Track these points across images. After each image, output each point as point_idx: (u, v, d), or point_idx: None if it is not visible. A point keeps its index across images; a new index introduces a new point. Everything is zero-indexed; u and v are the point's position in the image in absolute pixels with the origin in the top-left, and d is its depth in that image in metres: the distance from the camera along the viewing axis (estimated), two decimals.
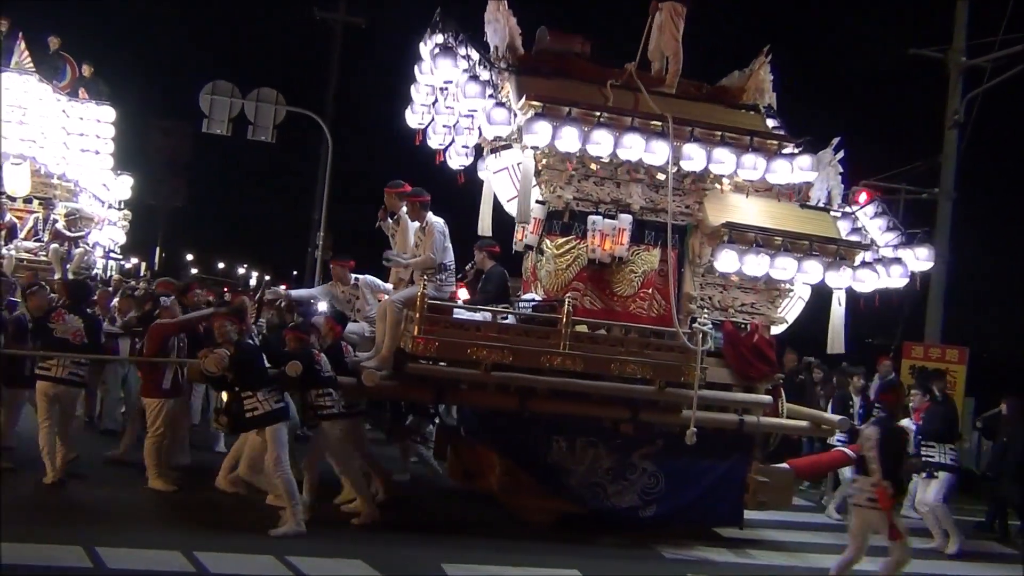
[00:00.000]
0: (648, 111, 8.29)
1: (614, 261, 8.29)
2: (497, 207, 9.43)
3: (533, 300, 8.26)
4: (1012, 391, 11.76)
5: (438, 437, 9.57)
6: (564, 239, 8.29)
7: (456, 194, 9.64)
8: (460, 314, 8.06)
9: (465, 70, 7.80)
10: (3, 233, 12.86)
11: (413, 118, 9.34)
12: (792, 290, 8.74)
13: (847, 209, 9.12)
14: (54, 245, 12.87)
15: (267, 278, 17.91)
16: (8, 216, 13.09)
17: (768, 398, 8.37)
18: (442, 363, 7.75)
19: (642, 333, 8.10)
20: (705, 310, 8.29)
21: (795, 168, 8.22)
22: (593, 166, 8.27)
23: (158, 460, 8.09)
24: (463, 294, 8.86)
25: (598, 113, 7.90)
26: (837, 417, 8.80)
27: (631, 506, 8.35)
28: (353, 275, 8.96)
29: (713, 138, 8.12)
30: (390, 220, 8.51)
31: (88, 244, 13.99)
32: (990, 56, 14.24)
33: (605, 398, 7.99)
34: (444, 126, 9.13)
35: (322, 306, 9.17)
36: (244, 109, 19.46)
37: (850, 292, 8.70)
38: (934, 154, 15.08)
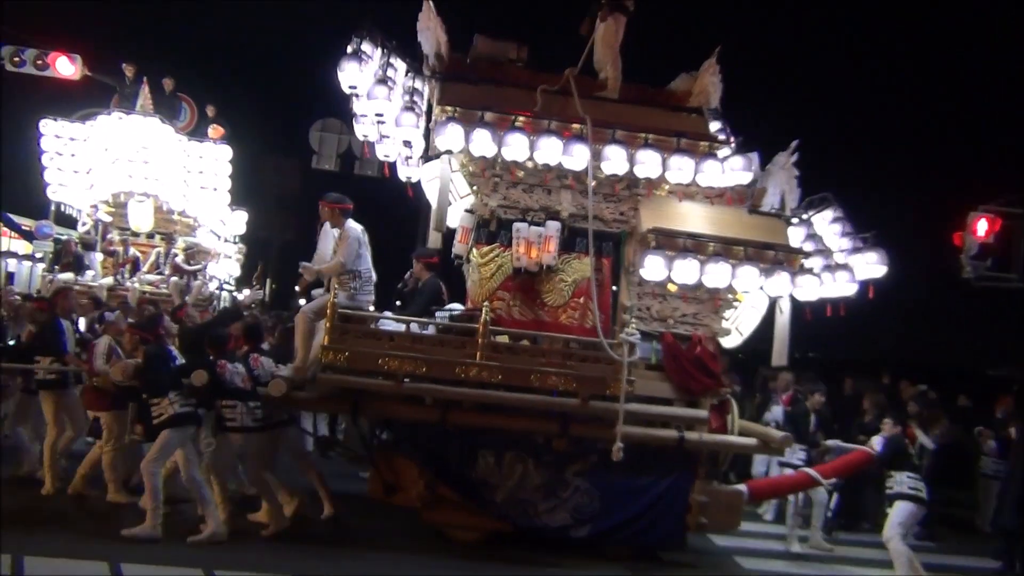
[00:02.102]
0: (579, 117, 8.02)
1: (542, 270, 8.04)
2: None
3: (454, 310, 8.05)
4: None
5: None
6: (489, 248, 8.09)
7: None
8: (387, 325, 7.92)
9: (381, 79, 7.67)
10: (128, 267, 13.42)
11: (360, 130, 9.26)
12: (737, 300, 8.32)
13: (802, 215, 8.66)
14: (174, 278, 13.38)
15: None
16: (132, 251, 13.72)
17: (704, 412, 7.91)
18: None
19: (564, 343, 7.78)
20: (634, 320, 7.86)
21: (726, 169, 7.84)
22: (520, 172, 8.06)
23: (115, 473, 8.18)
24: None
25: (513, 116, 7.68)
26: (780, 434, 8.24)
27: (563, 525, 7.99)
28: None
29: (636, 140, 7.80)
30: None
31: (206, 276, 14.50)
32: None
33: (528, 411, 7.70)
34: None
35: None
36: (351, 145, 19.95)
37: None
38: None
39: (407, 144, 8.04)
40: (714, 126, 8.53)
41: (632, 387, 7.58)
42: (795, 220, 8.61)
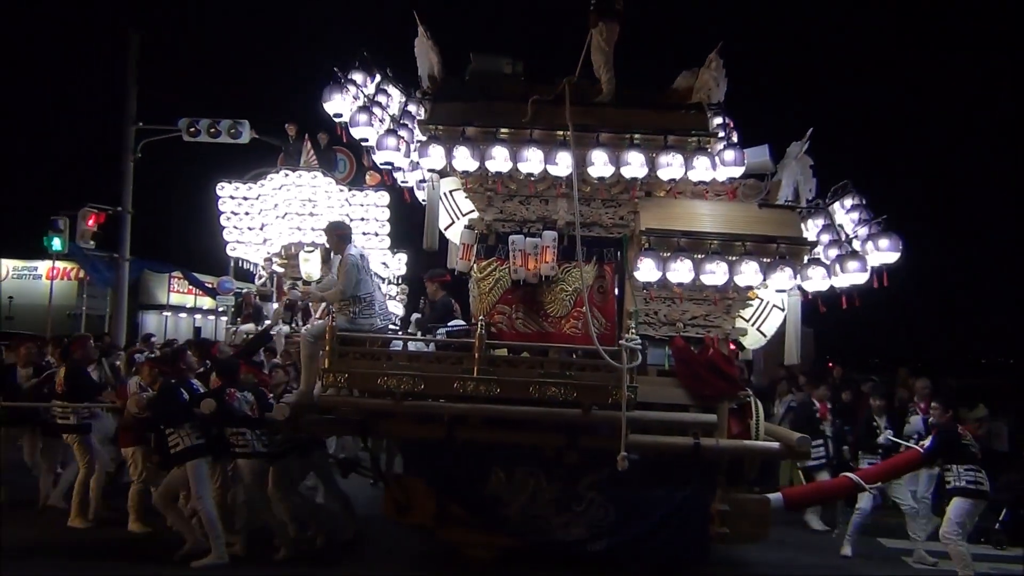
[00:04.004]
0: (575, 123, 7.92)
1: (542, 281, 7.97)
2: None
3: (454, 326, 8.06)
4: None
5: None
6: (486, 262, 8.11)
7: None
8: (397, 345, 8.03)
9: (363, 106, 7.82)
10: (299, 315, 14.34)
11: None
12: (750, 298, 7.97)
13: (819, 204, 8.23)
14: None
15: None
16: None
17: (712, 417, 7.58)
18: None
19: (563, 353, 7.66)
20: (632, 327, 7.61)
21: (718, 164, 7.56)
22: (512, 185, 8.05)
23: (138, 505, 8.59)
24: None
25: (493, 130, 7.67)
26: (797, 435, 7.78)
27: (578, 539, 7.81)
28: None
29: (622, 142, 7.64)
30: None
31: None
32: None
33: (535, 424, 7.59)
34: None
35: None
36: None
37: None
38: None
39: (390, 166, 8.15)
40: (717, 121, 8.25)
41: (634, 394, 7.35)
42: (807, 210, 8.21)
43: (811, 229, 8.13)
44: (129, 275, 18.94)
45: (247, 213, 14.22)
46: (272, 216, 13.88)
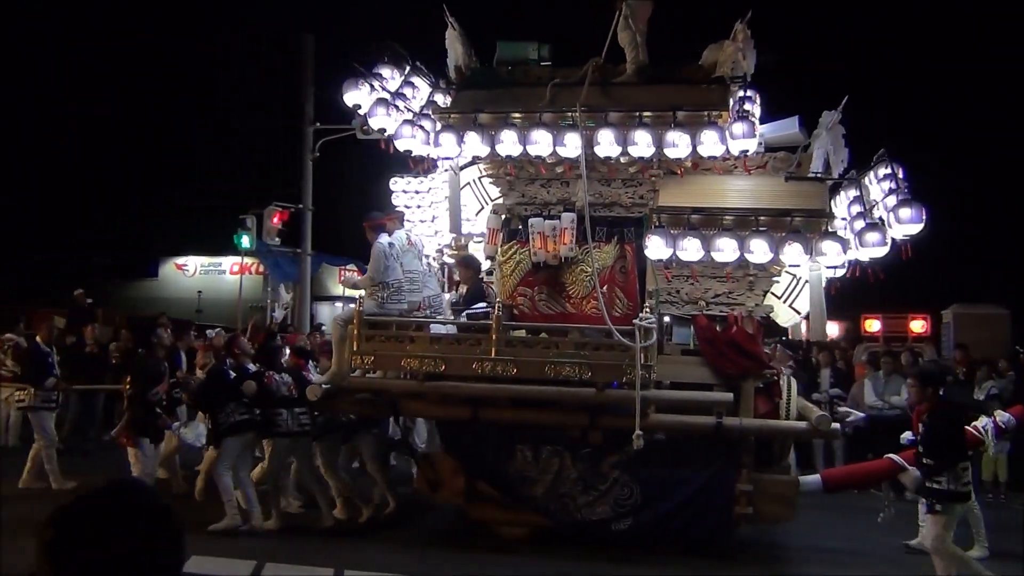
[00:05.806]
0: (591, 104, 7.95)
1: (563, 262, 8.06)
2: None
3: (477, 308, 8.26)
4: None
5: None
6: (508, 245, 8.26)
7: None
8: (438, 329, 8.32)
9: (381, 99, 8.13)
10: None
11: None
12: (772, 274, 7.77)
13: (849, 175, 7.92)
14: None
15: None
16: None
17: (729, 396, 7.45)
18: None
19: (581, 333, 7.73)
20: (647, 307, 7.56)
21: (727, 137, 7.39)
22: (531, 168, 8.17)
23: None
24: None
25: (504, 114, 7.80)
26: (816, 413, 7.48)
27: (603, 519, 7.86)
28: None
29: (631, 121, 7.60)
30: None
31: None
32: None
33: (556, 404, 7.69)
34: None
35: None
36: None
37: None
38: None
39: (408, 155, 8.40)
40: (740, 94, 8.05)
41: (648, 373, 7.34)
42: (843, 181, 7.92)
43: (843, 201, 7.85)
44: (311, 269, 19.92)
45: (419, 206, 14.68)
46: (442, 208, 14.32)
